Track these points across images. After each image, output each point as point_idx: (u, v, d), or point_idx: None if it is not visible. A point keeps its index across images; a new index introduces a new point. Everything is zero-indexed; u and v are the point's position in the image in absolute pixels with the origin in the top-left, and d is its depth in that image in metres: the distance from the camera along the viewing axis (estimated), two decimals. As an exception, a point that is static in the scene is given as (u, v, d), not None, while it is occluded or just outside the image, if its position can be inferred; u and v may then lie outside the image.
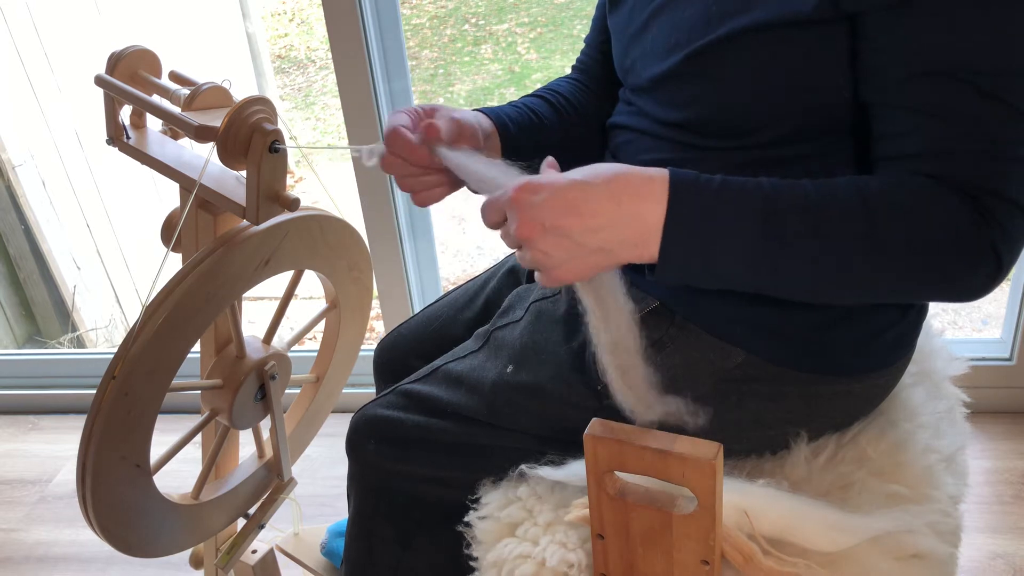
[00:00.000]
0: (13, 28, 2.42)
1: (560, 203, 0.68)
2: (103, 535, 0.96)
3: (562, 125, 0.99)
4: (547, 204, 0.67)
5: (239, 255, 0.94)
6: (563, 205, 0.67)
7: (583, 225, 0.68)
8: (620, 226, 0.69)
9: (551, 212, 0.67)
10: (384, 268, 1.80)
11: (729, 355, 0.84)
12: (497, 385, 0.92)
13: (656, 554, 0.76)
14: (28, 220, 2.51)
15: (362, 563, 1.04)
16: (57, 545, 1.69)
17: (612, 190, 0.68)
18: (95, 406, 0.88)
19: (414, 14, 5.26)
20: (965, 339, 1.93)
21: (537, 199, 0.68)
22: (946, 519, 0.84)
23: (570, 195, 0.68)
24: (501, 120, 0.94)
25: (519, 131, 0.95)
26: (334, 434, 1.46)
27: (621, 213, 0.68)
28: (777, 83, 0.76)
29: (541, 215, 0.68)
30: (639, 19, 0.88)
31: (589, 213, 0.68)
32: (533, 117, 0.97)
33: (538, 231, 0.68)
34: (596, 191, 0.68)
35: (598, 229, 0.68)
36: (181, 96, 0.94)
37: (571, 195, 0.68)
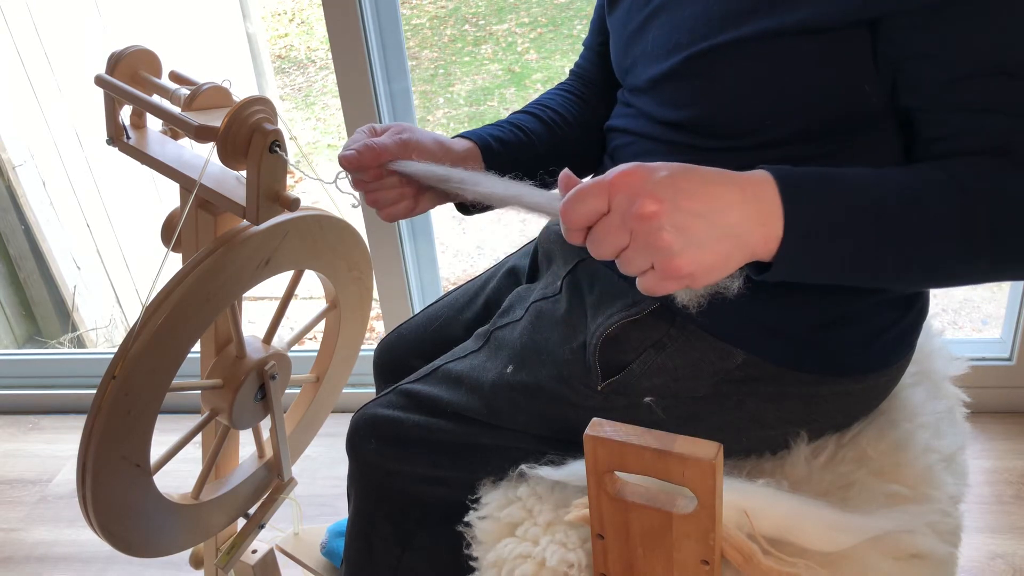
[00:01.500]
0: (13, 28, 2.42)
1: (686, 181, 0.60)
2: (103, 535, 0.96)
3: (551, 138, 0.99)
4: (671, 181, 0.59)
5: (239, 255, 0.94)
6: (689, 185, 0.60)
7: (711, 206, 0.60)
8: (747, 204, 0.62)
9: (677, 189, 0.59)
10: (384, 268, 1.80)
11: (729, 355, 0.84)
12: (497, 385, 0.92)
13: (656, 554, 0.76)
14: (28, 220, 2.51)
15: (362, 563, 1.04)
16: (57, 545, 1.69)
17: (722, 173, 0.63)
18: (95, 406, 0.88)
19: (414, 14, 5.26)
20: (965, 339, 1.93)
21: (657, 175, 0.60)
22: (946, 519, 0.84)
23: (694, 177, 0.61)
24: (484, 141, 0.94)
25: (504, 148, 0.95)
26: (334, 434, 1.46)
27: (745, 192, 0.62)
28: (780, 86, 0.76)
29: (667, 192, 0.59)
30: (637, 19, 0.88)
31: (717, 195, 0.61)
32: (520, 135, 0.97)
33: (664, 206, 0.59)
34: (711, 174, 0.62)
35: (728, 207, 0.61)
36: (181, 96, 0.94)
37: (694, 176, 0.61)
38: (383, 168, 0.86)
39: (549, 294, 0.96)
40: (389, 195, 0.89)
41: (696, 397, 0.85)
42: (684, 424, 0.86)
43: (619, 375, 0.86)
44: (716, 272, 0.62)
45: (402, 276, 1.81)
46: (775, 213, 0.63)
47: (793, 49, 0.74)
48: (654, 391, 0.85)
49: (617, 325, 0.87)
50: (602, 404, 0.87)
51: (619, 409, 0.87)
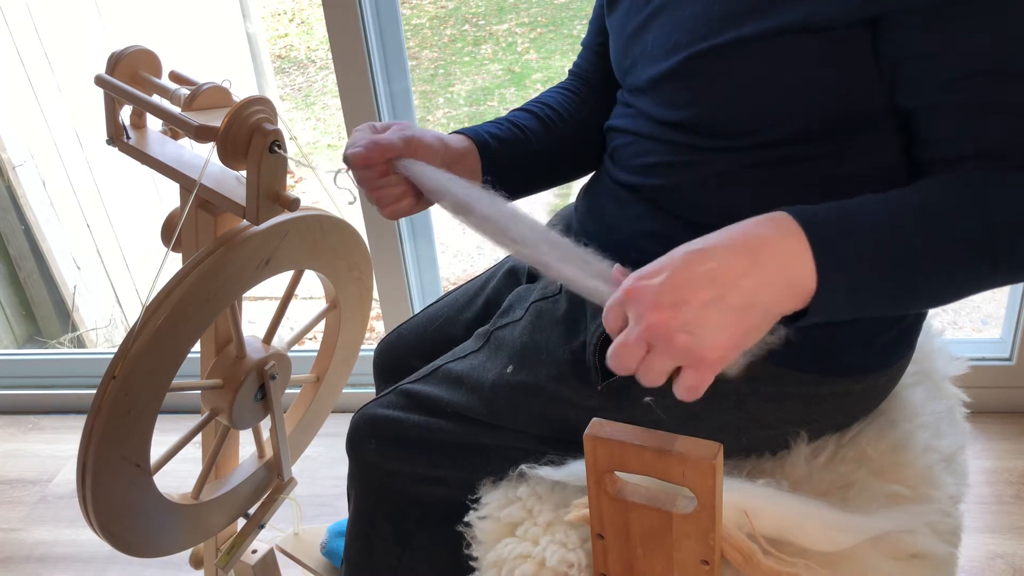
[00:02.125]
0: (13, 28, 2.42)
1: (685, 276, 0.60)
2: (103, 535, 0.96)
3: (549, 137, 0.99)
4: (670, 282, 0.60)
5: (239, 255, 0.94)
6: (690, 277, 0.60)
7: (719, 291, 0.60)
8: (764, 270, 0.61)
9: (677, 290, 0.59)
10: (384, 268, 1.80)
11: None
12: (497, 385, 0.92)
13: (656, 554, 0.76)
14: (28, 220, 2.51)
15: (362, 563, 1.04)
16: (57, 545, 1.69)
17: (735, 240, 0.61)
18: (95, 406, 0.88)
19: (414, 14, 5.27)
20: (965, 339, 1.93)
21: (656, 281, 0.60)
22: (946, 519, 0.84)
23: (694, 265, 0.60)
24: (481, 139, 0.94)
25: (501, 146, 0.95)
26: (334, 434, 1.46)
27: (758, 260, 0.61)
28: (780, 86, 0.76)
29: (668, 297, 0.59)
30: (637, 19, 0.88)
31: (722, 273, 0.60)
32: (518, 132, 0.97)
33: (668, 313, 0.59)
34: (720, 249, 0.61)
35: (739, 280, 0.60)
36: (181, 96, 0.94)
37: (695, 265, 0.60)
38: (389, 165, 0.86)
39: (549, 294, 0.96)
40: (393, 192, 0.89)
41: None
42: (684, 424, 0.86)
43: (619, 375, 0.86)
44: (747, 343, 0.62)
45: (402, 276, 1.81)
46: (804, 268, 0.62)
47: (793, 48, 0.74)
48: (654, 391, 0.85)
49: (617, 325, 0.86)
50: (602, 404, 0.87)
51: (619, 409, 0.87)
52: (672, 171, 0.85)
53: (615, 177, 0.92)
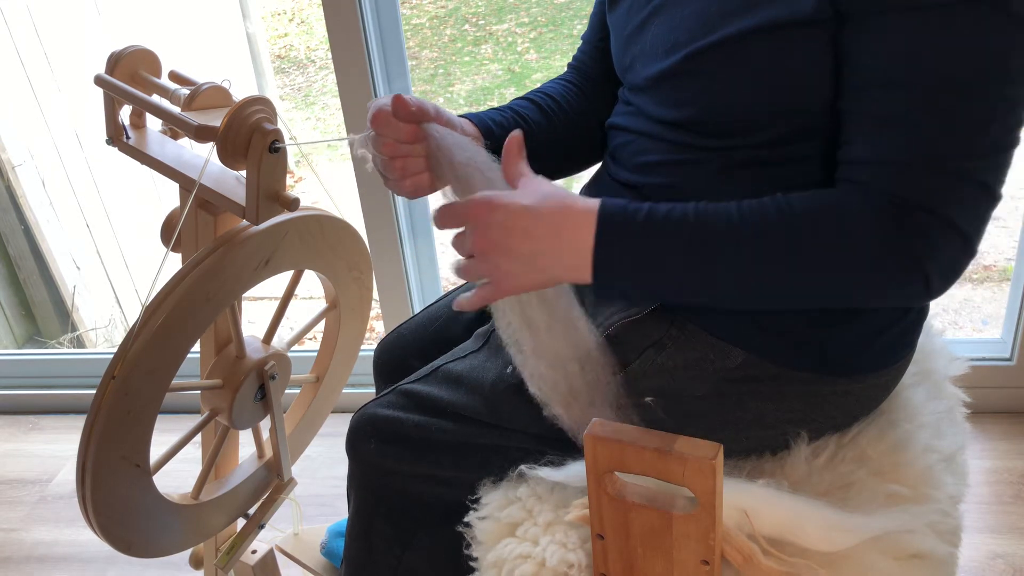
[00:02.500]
0: (13, 28, 2.42)
1: (513, 225, 0.75)
2: (103, 535, 0.96)
3: (550, 128, 0.99)
4: (502, 225, 0.75)
5: (239, 255, 0.94)
6: (515, 227, 0.75)
7: (530, 248, 0.75)
8: (560, 253, 0.75)
9: (504, 233, 0.75)
10: (384, 268, 1.80)
11: (729, 355, 0.84)
12: (497, 385, 0.92)
13: (656, 554, 0.76)
14: (28, 220, 2.51)
15: (362, 563, 1.04)
16: (57, 545, 1.69)
17: (555, 220, 0.75)
18: (95, 406, 0.88)
19: (414, 14, 5.26)
20: (965, 339, 1.93)
21: (493, 219, 0.75)
22: (946, 519, 0.84)
23: (522, 220, 0.75)
24: (485, 124, 0.94)
25: (503, 133, 0.95)
26: (334, 434, 1.46)
27: (561, 242, 0.75)
28: (777, 83, 0.76)
29: (496, 235, 0.75)
30: (637, 18, 0.88)
31: (536, 237, 0.75)
32: (520, 121, 0.97)
33: (491, 247, 0.76)
34: (543, 220, 0.75)
35: (540, 253, 0.75)
36: (181, 96, 0.94)
37: (523, 220, 0.75)
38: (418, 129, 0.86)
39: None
40: (416, 163, 0.87)
41: (696, 397, 0.85)
42: (684, 424, 0.86)
43: (619, 375, 0.86)
44: (527, 287, 0.78)
45: (402, 276, 1.81)
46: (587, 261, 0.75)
47: (785, 44, 0.74)
48: (654, 391, 0.85)
49: (617, 325, 0.86)
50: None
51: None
52: (672, 170, 0.85)
53: (615, 175, 0.92)
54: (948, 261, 0.70)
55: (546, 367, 0.83)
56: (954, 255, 0.70)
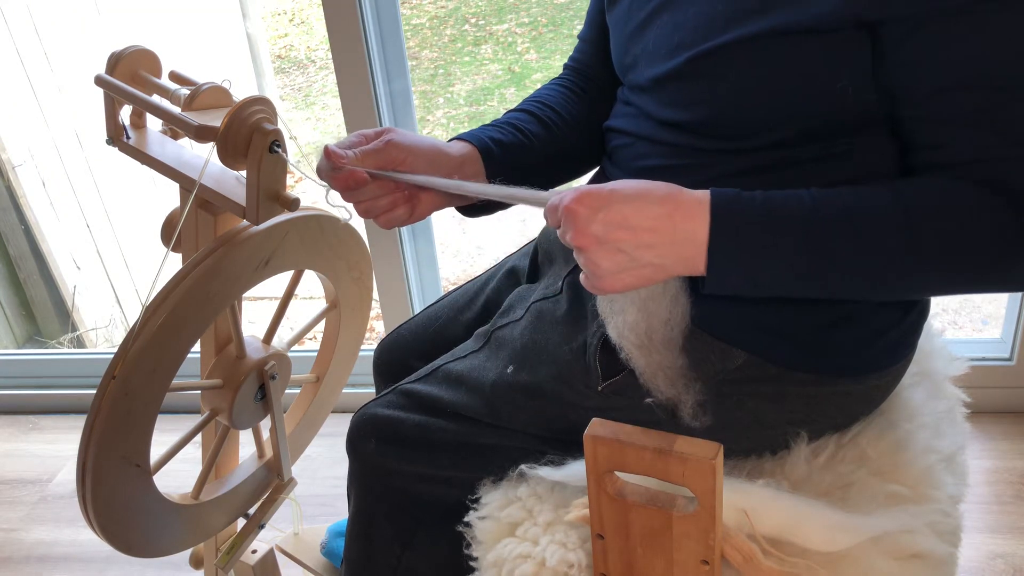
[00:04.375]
0: (13, 28, 2.42)
1: (616, 217, 0.70)
2: (103, 535, 0.96)
3: (551, 138, 0.98)
4: (602, 219, 0.70)
5: (239, 255, 0.94)
6: (619, 219, 0.70)
7: (637, 240, 0.71)
8: (674, 244, 0.71)
9: (606, 226, 0.70)
10: (384, 268, 1.80)
11: (730, 356, 0.83)
12: (497, 385, 0.92)
13: (656, 554, 0.76)
14: (28, 220, 2.51)
15: (362, 562, 1.04)
16: (57, 545, 1.69)
17: (667, 209, 0.71)
18: (95, 406, 0.88)
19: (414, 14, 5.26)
20: (965, 339, 1.93)
21: (596, 215, 0.70)
22: (946, 519, 0.84)
23: (626, 210, 0.70)
24: (483, 143, 0.93)
25: (503, 151, 0.94)
26: (334, 434, 1.46)
27: (675, 232, 0.71)
28: (784, 88, 0.76)
29: (596, 228, 0.71)
30: (639, 16, 0.87)
31: (644, 229, 0.71)
32: (519, 136, 0.97)
33: (593, 243, 0.71)
34: (651, 209, 0.71)
35: (652, 245, 0.71)
36: (181, 96, 0.94)
37: (627, 211, 0.70)
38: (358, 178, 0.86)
39: (550, 294, 0.96)
40: (380, 203, 0.88)
41: (696, 397, 0.85)
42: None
43: (619, 376, 0.86)
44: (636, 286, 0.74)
45: (402, 276, 1.81)
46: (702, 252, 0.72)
47: (796, 49, 0.74)
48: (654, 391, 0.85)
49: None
50: (602, 404, 0.87)
51: (619, 409, 0.87)
52: (671, 174, 0.85)
53: (614, 178, 0.92)
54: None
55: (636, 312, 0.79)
56: None
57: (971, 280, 0.73)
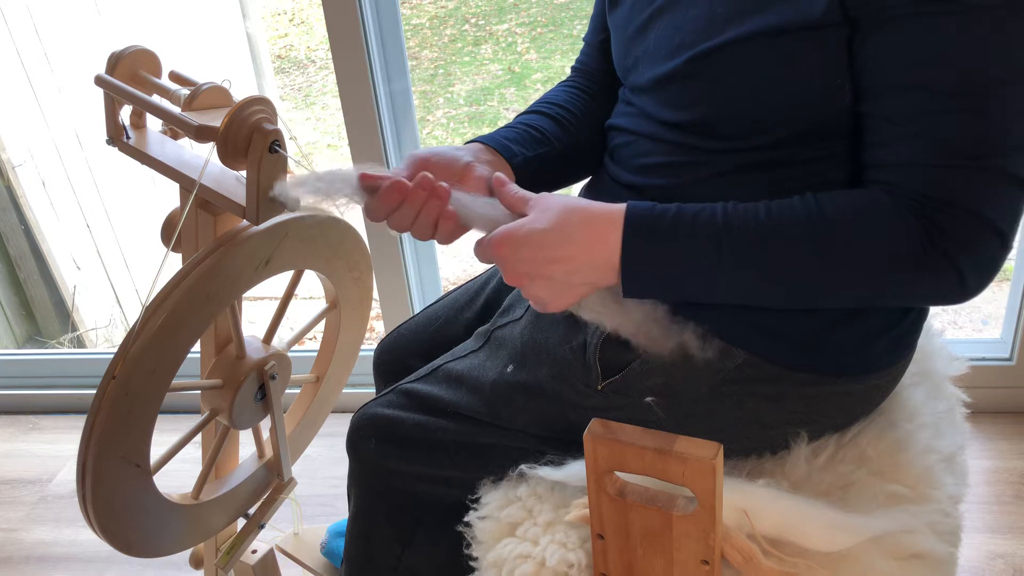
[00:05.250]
0: (13, 28, 2.42)
1: (540, 256, 0.77)
2: (103, 535, 0.96)
3: (567, 136, 0.98)
4: (528, 259, 0.77)
5: (239, 255, 0.94)
6: (543, 257, 0.77)
7: (563, 270, 0.77)
8: (594, 266, 0.77)
9: (533, 265, 0.77)
10: (384, 268, 1.80)
11: (729, 355, 0.84)
12: (497, 384, 0.92)
13: (656, 554, 0.76)
14: (28, 220, 2.51)
15: (362, 562, 1.04)
16: (57, 545, 1.69)
17: (583, 235, 0.76)
18: (95, 406, 0.88)
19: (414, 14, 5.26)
20: (965, 339, 1.93)
21: (519, 255, 0.77)
22: (946, 519, 0.84)
23: (548, 249, 0.76)
24: (503, 146, 0.92)
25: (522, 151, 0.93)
26: (334, 434, 1.46)
27: (593, 255, 0.77)
28: (782, 86, 0.76)
29: (525, 268, 0.77)
30: (639, 18, 0.88)
31: (566, 259, 0.77)
32: (534, 132, 0.96)
33: (525, 280, 0.78)
34: (570, 240, 0.76)
35: (575, 271, 0.77)
36: (181, 96, 0.94)
37: (548, 249, 0.76)
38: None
39: (549, 294, 0.96)
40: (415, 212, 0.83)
41: (696, 397, 0.85)
42: (684, 424, 0.86)
43: (619, 375, 0.86)
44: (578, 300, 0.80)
45: (402, 276, 1.81)
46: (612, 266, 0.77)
47: (795, 47, 0.74)
48: (654, 391, 0.85)
49: (617, 325, 0.86)
50: (602, 404, 0.87)
51: (619, 409, 0.87)
52: (672, 171, 0.85)
53: (615, 176, 0.92)
54: (983, 257, 0.70)
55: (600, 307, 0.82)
56: (989, 251, 0.70)
57: (871, 293, 0.74)
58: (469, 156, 0.89)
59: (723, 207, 0.75)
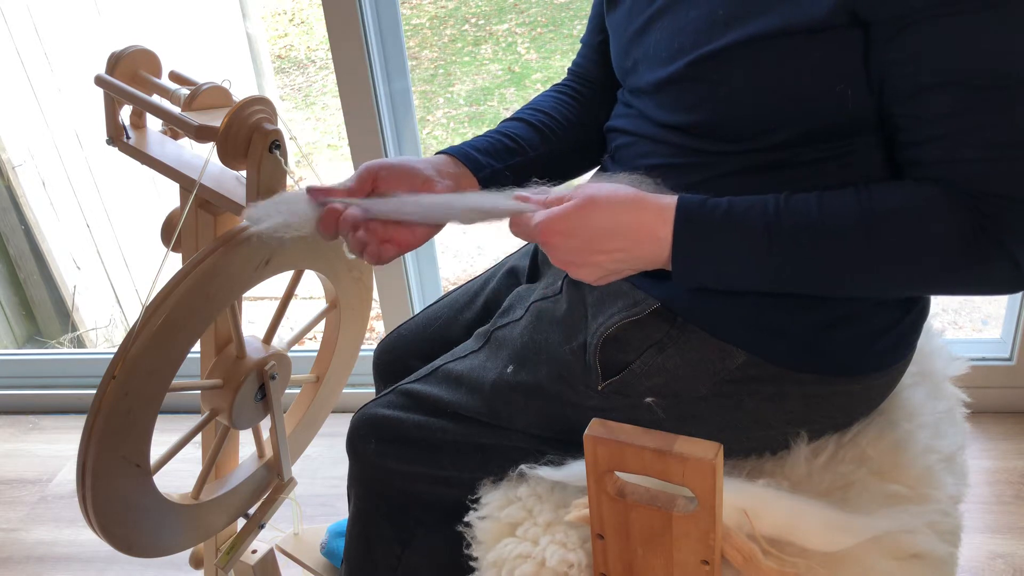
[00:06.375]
0: (13, 28, 2.42)
1: (590, 247, 0.77)
2: (103, 535, 0.96)
3: (544, 141, 0.98)
4: (578, 249, 0.78)
5: (239, 255, 0.94)
6: (593, 248, 0.77)
7: (612, 259, 0.78)
8: (643, 259, 0.78)
9: (582, 255, 0.78)
10: (384, 268, 1.80)
11: (730, 356, 0.84)
12: (497, 385, 0.92)
13: (656, 554, 0.76)
14: (28, 220, 2.51)
15: (362, 562, 1.04)
16: (57, 545, 1.69)
17: (633, 229, 0.77)
18: (95, 406, 0.88)
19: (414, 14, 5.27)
20: (965, 339, 1.93)
21: (568, 244, 0.78)
22: (946, 519, 0.84)
23: (597, 242, 0.77)
24: (467, 156, 0.92)
25: (490, 161, 0.93)
26: (334, 434, 1.46)
27: (643, 249, 0.77)
28: (784, 89, 0.76)
29: (573, 257, 0.78)
30: (639, 20, 0.87)
31: (616, 250, 0.77)
32: (507, 142, 0.96)
33: (572, 266, 0.79)
34: (620, 234, 0.77)
35: (625, 260, 0.78)
36: (181, 96, 0.94)
37: (598, 242, 0.77)
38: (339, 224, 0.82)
39: (549, 294, 0.96)
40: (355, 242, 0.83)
41: (696, 397, 0.85)
42: (684, 424, 0.86)
43: (619, 375, 0.86)
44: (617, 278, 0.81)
45: (402, 276, 1.81)
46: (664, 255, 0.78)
47: (796, 50, 0.74)
48: (654, 391, 0.85)
49: (618, 325, 0.87)
50: (602, 404, 0.87)
51: (619, 409, 0.87)
52: (673, 173, 0.85)
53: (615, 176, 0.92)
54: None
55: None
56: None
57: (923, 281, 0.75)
58: (430, 170, 0.88)
59: (775, 202, 0.75)
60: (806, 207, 0.74)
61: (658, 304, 0.86)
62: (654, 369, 0.85)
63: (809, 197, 0.75)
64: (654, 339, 0.85)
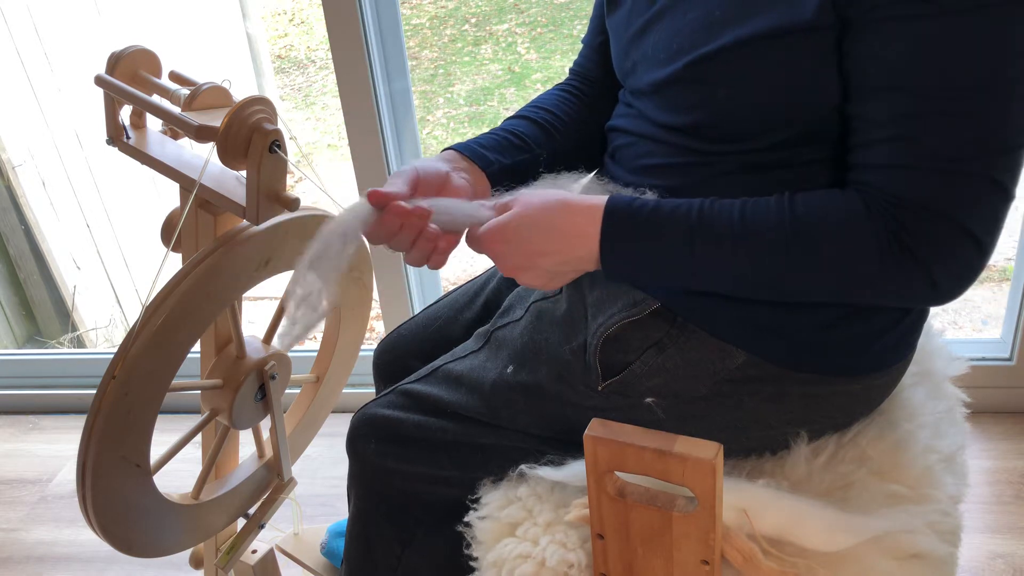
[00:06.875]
0: (13, 28, 2.42)
1: (529, 249, 0.80)
2: (103, 535, 0.96)
3: (549, 140, 0.98)
4: (518, 252, 0.81)
5: (239, 255, 0.94)
6: (531, 251, 0.80)
7: (551, 261, 0.81)
8: (578, 258, 0.81)
9: (523, 258, 0.81)
10: (384, 268, 1.80)
11: (730, 356, 0.84)
12: (497, 385, 0.92)
13: (656, 554, 0.76)
14: (28, 220, 2.51)
15: (362, 562, 1.04)
16: (57, 545, 1.69)
17: (565, 230, 0.80)
18: (95, 406, 0.88)
19: (414, 14, 5.26)
20: (965, 339, 1.93)
21: (508, 248, 0.81)
22: (946, 519, 0.84)
23: (535, 244, 0.80)
24: (475, 153, 0.92)
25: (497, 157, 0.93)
26: (334, 434, 1.46)
27: (576, 249, 0.80)
28: (781, 89, 0.76)
29: (516, 261, 0.81)
30: (638, 22, 0.88)
31: (553, 251, 0.80)
32: (513, 139, 0.96)
33: (517, 271, 0.82)
34: (554, 234, 0.80)
35: (564, 262, 0.81)
36: (181, 96, 0.94)
37: (535, 243, 0.80)
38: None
39: (549, 294, 0.96)
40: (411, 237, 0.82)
41: (696, 397, 0.85)
42: (684, 424, 0.86)
43: (620, 375, 0.86)
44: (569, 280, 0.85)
45: (402, 276, 1.81)
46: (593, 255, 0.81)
47: (791, 50, 0.74)
48: (654, 391, 0.85)
49: (618, 325, 0.87)
50: (602, 404, 0.87)
51: (619, 409, 0.87)
52: (673, 172, 0.85)
53: (616, 176, 0.92)
54: (959, 263, 0.70)
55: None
56: (965, 256, 0.70)
57: (839, 289, 0.75)
58: (447, 166, 0.89)
59: (700, 205, 0.77)
60: (729, 212, 0.75)
61: (658, 304, 0.86)
62: (654, 369, 0.85)
63: (734, 203, 0.76)
64: (654, 339, 0.85)
